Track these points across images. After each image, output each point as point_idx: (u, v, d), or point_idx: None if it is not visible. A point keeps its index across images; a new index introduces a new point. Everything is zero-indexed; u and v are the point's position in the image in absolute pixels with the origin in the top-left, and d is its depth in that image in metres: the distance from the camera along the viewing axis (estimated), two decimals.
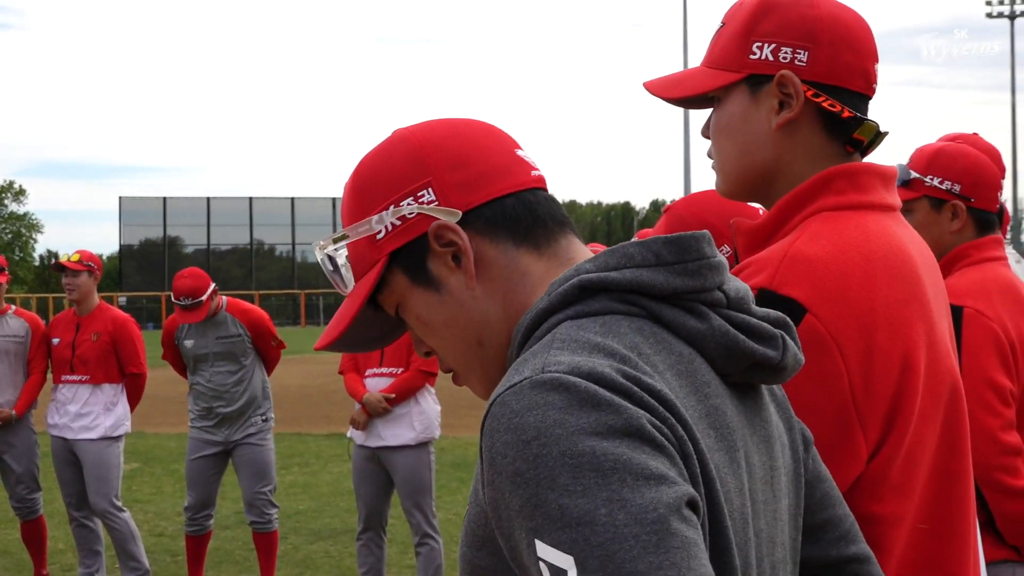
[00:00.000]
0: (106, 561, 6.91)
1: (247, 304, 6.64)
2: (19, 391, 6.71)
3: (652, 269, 1.14)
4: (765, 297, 1.52)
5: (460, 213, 1.21)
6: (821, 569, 1.33)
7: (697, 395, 1.12)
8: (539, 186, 1.27)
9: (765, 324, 1.21)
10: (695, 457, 1.05)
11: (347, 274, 1.28)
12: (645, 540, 0.93)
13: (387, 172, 1.25)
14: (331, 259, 1.29)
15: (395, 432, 5.93)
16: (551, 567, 0.95)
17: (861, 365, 1.50)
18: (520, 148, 1.28)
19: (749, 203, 1.97)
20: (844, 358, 1.49)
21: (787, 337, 1.22)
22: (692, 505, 0.99)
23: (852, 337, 1.50)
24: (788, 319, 1.25)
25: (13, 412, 6.64)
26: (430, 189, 1.22)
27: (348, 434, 6.15)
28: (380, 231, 1.24)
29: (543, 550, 0.96)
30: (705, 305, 1.17)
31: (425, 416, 5.99)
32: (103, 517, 6.60)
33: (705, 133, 1.78)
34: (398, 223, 1.23)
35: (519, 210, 1.23)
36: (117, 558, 6.73)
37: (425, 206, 1.21)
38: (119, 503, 6.64)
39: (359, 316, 1.28)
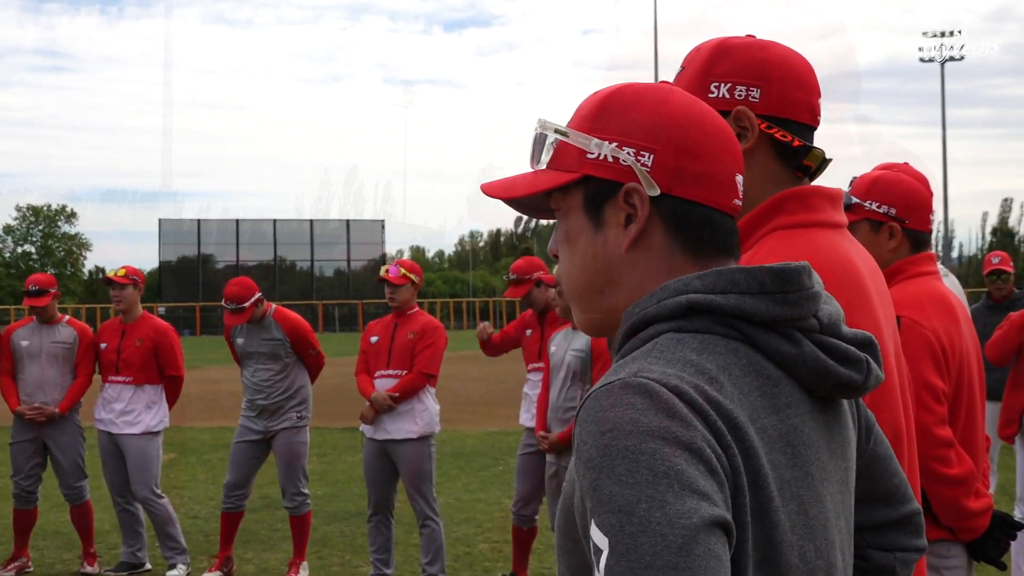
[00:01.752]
0: (147, 540, 6.85)
1: (292, 314, 6.56)
2: (65, 391, 6.63)
3: (755, 297, 1.12)
4: None
5: (659, 191, 1.16)
6: (888, 526, 1.38)
7: (779, 415, 1.11)
8: (732, 213, 1.21)
9: (852, 348, 1.18)
10: (746, 490, 1.04)
11: (544, 155, 1.24)
12: (671, 541, 0.92)
13: (634, 116, 1.19)
14: (543, 135, 1.24)
15: (400, 427, 5.90)
16: (594, 546, 0.96)
17: None
18: (740, 174, 1.22)
19: None
20: None
21: (871, 360, 1.20)
22: (726, 530, 0.97)
23: None
24: (874, 339, 1.22)
25: (57, 410, 6.57)
26: (652, 156, 1.17)
27: (360, 428, 6.11)
28: (594, 153, 1.19)
29: (593, 530, 0.96)
30: (800, 331, 1.14)
31: (427, 412, 5.94)
32: (144, 503, 6.56)
33: None
34: (610, 160, 1.18)
35: (702, 222, 1.18)
36: (157, 538, 6.67)
37: (638, 165, 1.17)
38: (158, 490, 6.60)
39: (527, 196, 1.24)
